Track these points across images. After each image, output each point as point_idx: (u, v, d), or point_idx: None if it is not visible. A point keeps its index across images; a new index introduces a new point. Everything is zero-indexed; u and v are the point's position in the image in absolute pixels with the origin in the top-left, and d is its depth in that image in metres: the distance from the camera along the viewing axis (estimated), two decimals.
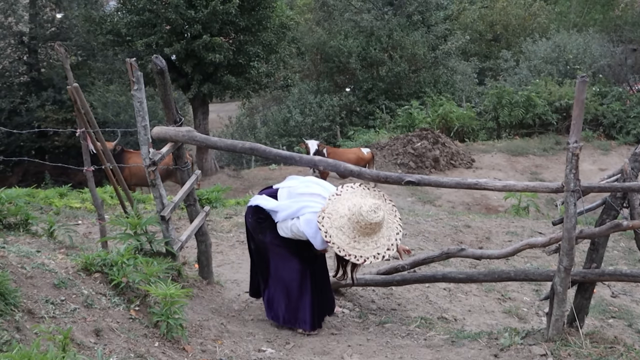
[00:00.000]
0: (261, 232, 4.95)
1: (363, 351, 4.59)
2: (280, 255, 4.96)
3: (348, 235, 4.49)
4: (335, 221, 4.53)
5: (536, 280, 5.33)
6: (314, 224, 4.59)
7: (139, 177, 13.50)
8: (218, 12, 19.40)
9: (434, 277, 5.51)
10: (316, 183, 4.97)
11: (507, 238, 9.21)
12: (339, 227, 4.51)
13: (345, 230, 4.50)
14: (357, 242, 4.49)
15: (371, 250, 4.49)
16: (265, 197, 4.94)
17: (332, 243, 4.48)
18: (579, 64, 25.82)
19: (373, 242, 4.51)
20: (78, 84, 5.71)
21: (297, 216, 4.69)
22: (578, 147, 4.07)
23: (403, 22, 29.62)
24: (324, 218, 4.55)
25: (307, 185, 4.91)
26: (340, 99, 29.16)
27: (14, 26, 28.33)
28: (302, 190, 4.86)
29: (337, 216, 4.55)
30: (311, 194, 4.80)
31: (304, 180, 5.03)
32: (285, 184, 5.04)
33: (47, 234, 6.00)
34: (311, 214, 4.64)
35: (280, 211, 4.77)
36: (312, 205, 4.68)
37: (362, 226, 4.46)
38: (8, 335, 3.03)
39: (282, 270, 4.97)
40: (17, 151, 25.87)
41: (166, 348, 3.82)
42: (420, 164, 19.08)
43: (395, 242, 4.58)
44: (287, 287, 4.98)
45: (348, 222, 4.50)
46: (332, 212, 4.59)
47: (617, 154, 20.76)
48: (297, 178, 5.10)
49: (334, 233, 4.49)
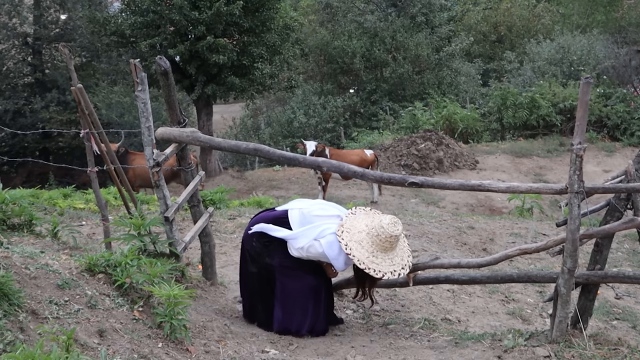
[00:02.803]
0: (268, 256, 4.91)
1: (367, 352, 4.59)
2: (291, 277, 4.93)
3: (367, 250, 4.53)
4: (354, 235, 4.58)
5: (539, 282, 5.31)
6: (337, 245, 4.61)
7: (143, 179, 13.52)
8: (222, 14, 19.41)
9: (437, 279, 5.49)
10: (330, 205, 4.98)
11: (511, 239, 9.19)
12: (358, 241, 4.55)
13: (365, 244, 4.54)
14: (375, 257, 4.53)
15: (388, 266, 4.54)
16: (273, 227, 4.85)
17: (352, 255, 4.50)
18: (583, 66, 25.79)
19: (389, 259, 4.57)
20: (82, 85, 5.72)
21: (316, 239, 4.68)
22: (582, 149, 4.07)
23: (407, 23, 29.65)
24: (343, 232, 4.59)
25: (323, 208, 4.90)
26: (344, 100, 29.19)
27: (18, 27, 28.39)
28: (318, 213, 4.84)
29: (356, 231, 4.60)
30: (329, 216, 4.80)
31: (317, 202, 5.02)
32: (295, 205, 4.99)
33: (51, 235, 6.01)
34: (332, 235, 4.64)
35: (300, 238, 4.73)
36: (332, 227, 4.69)
37: (381, 239, 4.51)
38: (12, 335, 3.04)
39: (292, 290, 4.94)
40: (21, 152, 25.93)
41: (170, 349, 3.82)
42: (424, 165, 19.06)
43: (408, 263, 4.65)
44: (301, 303, 4.95)
45: (367, 237, 4.55)
46: (350, 227, 4.63)
47: (621, 155, 20.71)
48: (304, 200, 5.10)
49: (354, 246, 4.53)
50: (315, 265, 4.96)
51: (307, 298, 4.97)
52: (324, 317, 5.05)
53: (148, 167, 4.89)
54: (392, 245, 4.56)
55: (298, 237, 4.74)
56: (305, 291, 4.97)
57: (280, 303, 4.97)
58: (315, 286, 5.00)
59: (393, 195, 16.43)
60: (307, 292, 4.97)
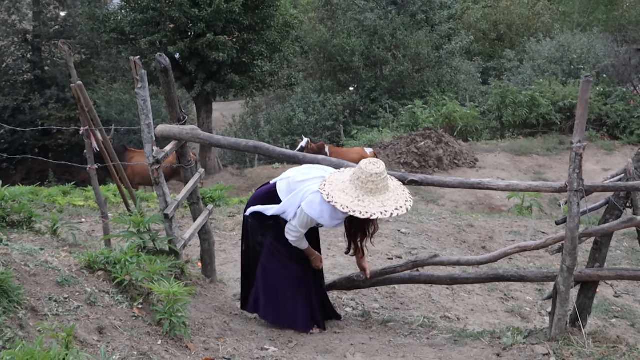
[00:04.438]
0: (262, 234, 4.89)
1: (366, 350, 4.60)
2: (275, 261, 4.90)
3: (351, 195, 4.37)
4: (337, 186, 4.44)
5: (532, 281, 5.31)
6: (317, 202, 4.47)
7: (142, 176, 13.51)
8: (222, 11, 19.40)
9: (440, 279, 5.48)
10: (316, 168, 4.84)
11: (510, 238, 9.20)
12: (341, 189, 4.41)
13: (348, 191, 4.39)
14: (361, 201, 4.35)
15: (377, 207, 4.34)
16: (266, 207, 4.79)
17: (334, 202, 4.34)
18: (583, 64, 25.78)
19: (379, 201, 4.36)
20: (82, 82, 5.72)
21: (300, 205, 4.57)
22: (582, 147, 4.07)
23: (407, 21, 29.64)
24: (325, 185, 4.46)
25: (306, 172, 4.77)
26: (343, 98, 29.18)
27: (17, 24, 28.35)
28: (301, 178, 4.71)
29: (339, 182, 4.47)
30: (312, 179, 4.66)
31: (303, 168, 4.89)
32: (284, 175, 4.91)
33: (50, 232, 6.02)
34: (313, 194, 4.51)
35: (287, 210, 4.66)
36: (313, 187, 4.55)
37: (363, 181, 4.35)
38: (11, 332, 3.04)
39: (274, 275, 4.92)
40: (20, 149, 25.92)
41: (169, 346, 3.83)
42: (424, 163, 19.05)
43: (405, 205, 4.41)
44: (279, 291, 4.93)
45: (350, 184, 4.41)
46: (333, 180, 4.51)
47: (621, 154, 20.71)
48: (294, 169, 4.96)
49: (336, 194, 4.38)
50: (304, 257, 4.93)
51: (288, 288, 4.93)
52: (304, 315, 4.97)
53: (148, 164, 4.90)
54: (377, 187, 4.36)
55: (287, 210, 4.64)
56: (287, 281, 4.92)
57: (261, 289, 4.94)
58: (299, 278, 4.95)
59: None
60: (290, 282, 4.93)
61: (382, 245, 7.85)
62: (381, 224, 8.74)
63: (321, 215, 4.51)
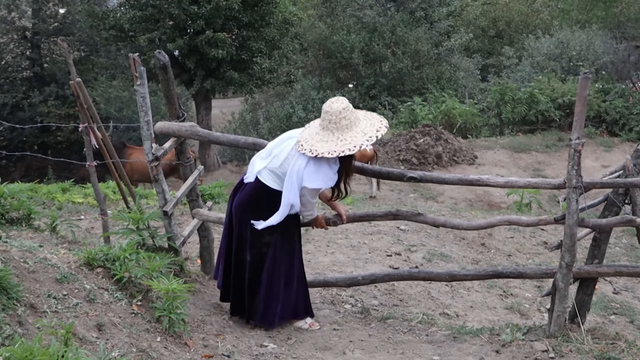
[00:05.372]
0: (269, 234, 4.67)
1: (365, 347, 4.60)
2: (285, 254, 4.79)
3: (332, 140, 4.39)
4: (314, 138, 4.45)
5: (531, 277, 5.32)
6: (313, 172, 4.43)
7: (140, 173, 13.51)
8: (221, 8, 19.38)
9: (439, 275, 5.49)
10: (283, 139, 4.69)
11: (509, 234, 9.21)
12: (319, 140, 4.42)
13: (327, 138, 4.40)
14: (343, 140, 4.37)
15: (361, 137, 4.39)
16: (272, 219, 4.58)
17: (320, 154, 4.33)
18: (582, 61, 25.74)
19: (359, 132, 4.42)
20: (81, 79, 5.72)
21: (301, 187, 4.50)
22: (580, 144, 4.08)
23: (406, 18, 29.60)
24: (302, 145, 4.45)
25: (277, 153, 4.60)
26: (342, 94, 29.10)
27: (17, 21, 28.30)
28: (279, 161, 4.55)
29: (314, 135, 4.49)
30: (288, 156, 4.53)
31: (268, 149, 4.72)
32: (256, 167, 4.66)
33: (49, 229, 6.02)
34: (304, 170, 4.42)
35: (293, 202, 4.52)
36: (299, 162, 4.46)
37: (335, 122, 4.41)
38: (10, 329, 3.04)
39: (284, 271, 4.80)
40: (19, 146, 25.87)
41: (168, 343, 3.83)
42: (423, 160, 19.05)
43: (382, 125, 4.49)
44: (292, 286, 4.86)
45: (324, 131, 4.45)
46: (307, 137, 4.50)
47: (620, 150, 20.71)
48: (258, 155, 4.76)
49: (319, 146, 4.39)
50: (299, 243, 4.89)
51: (297, 281, 4.91)
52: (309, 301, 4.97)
53: (147, 161, 4.90)
54: (350, 121, 4.42)
55: (293, 202, 4.52)
56: (294, 274, 4.87)
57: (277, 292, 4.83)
58: (301, 268, 4.92)
59: (392, 190, 16.43)
60: (297, 274, 4.89)
61: (381, 242, 7.86)
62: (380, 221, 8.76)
63: (325, 179, 4.49)
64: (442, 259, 7.51)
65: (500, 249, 8.61)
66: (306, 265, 6.53)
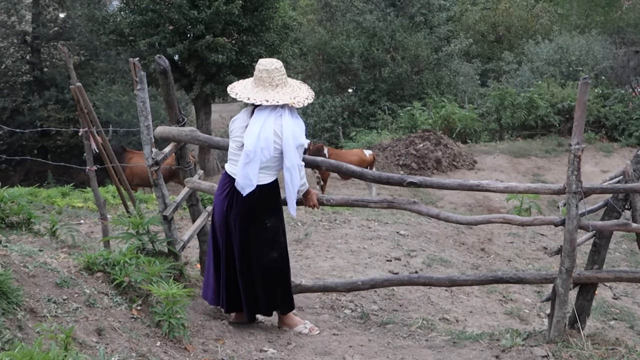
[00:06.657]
0: (274, 214, 4.67)
1: (364, 352, 4.60)
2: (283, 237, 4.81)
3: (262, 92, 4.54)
4: (246, 87, 4.65)
5: (531, 283, 5.31)
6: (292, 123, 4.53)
7: (140, 177, 13.50)
8: (221, 13, 19.40)
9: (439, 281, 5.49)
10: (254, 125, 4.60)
11: (509, 239, 9.21)
12: (250, 90, 4.60)
13: (257, 90, 4.56)
14: (270, 94, 4.53)
15: (289, 98, 4.55)
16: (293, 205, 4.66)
17: (247, 98, 4.52)
18: (581, 66, 25.76)
19: (287, 93, 4.59)
20: (81, 83, 5.73)
21: None
22: (580, 149, 4.08)
23: (406, 23, 29.63)
24: (234, 87, 4.69)
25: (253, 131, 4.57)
26: (342, 99, 29.15)
27: (16, 25, 28.33)
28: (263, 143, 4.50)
29: (247, 85, 4.69)
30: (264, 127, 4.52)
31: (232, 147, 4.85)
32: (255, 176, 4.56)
33: (49, 233, 6.01)
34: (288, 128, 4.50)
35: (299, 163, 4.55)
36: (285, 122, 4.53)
37: (265, 79, 4.56)
38: (10, 334, 3.04)
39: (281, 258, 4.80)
40: (19, 150, 25.87)
41: (168, 347, 3.83)
42: (423, 165, 19.04)
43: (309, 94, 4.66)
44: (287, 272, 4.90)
45: (255, 84, 4.61)
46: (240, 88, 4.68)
47: (620, 156, 20.71)
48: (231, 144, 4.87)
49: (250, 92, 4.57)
50: None
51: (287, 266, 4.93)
52: None
53: (147, 165, 4.90)
54: (281, 80, 4.62)
55: (297, 160, 4.54)
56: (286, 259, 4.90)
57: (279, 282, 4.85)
58: None
59: (391, 195, 16.42)
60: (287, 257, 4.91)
61: (381, 247, 7.86)
62: (380, 226, 8.75)
63: (303, 131, 4.60)
64: (441, 264, 7.50)
65: (500, 254, 8.61)
66: (306, 270, 6.55)
